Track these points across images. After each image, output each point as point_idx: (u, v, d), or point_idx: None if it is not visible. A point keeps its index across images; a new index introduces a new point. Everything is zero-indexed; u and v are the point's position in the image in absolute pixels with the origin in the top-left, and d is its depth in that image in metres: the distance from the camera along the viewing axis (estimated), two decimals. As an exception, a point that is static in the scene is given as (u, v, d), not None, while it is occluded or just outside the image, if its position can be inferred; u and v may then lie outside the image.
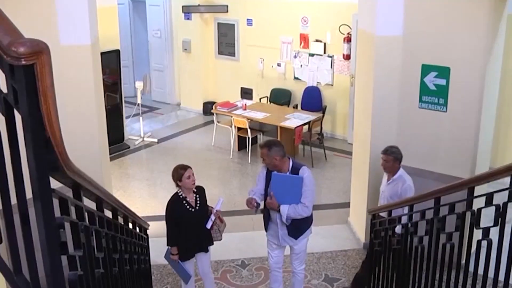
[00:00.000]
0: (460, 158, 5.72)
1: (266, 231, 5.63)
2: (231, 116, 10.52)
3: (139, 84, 11.44)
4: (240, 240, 7.09)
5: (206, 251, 5.60)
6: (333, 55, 11.13)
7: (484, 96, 5.48)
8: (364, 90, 6.40)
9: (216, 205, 5.52)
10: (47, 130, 1.59)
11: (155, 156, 10.79)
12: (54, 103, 1.57)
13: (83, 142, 5.45)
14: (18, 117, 1.58)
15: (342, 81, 11.15)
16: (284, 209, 5.22)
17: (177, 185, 5.55)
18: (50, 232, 1.66)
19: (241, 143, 10.68)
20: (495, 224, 3.46)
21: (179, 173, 5.46)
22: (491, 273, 3.54)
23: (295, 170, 5.28)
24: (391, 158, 5.62)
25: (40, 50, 1.49)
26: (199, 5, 12.45)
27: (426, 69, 5.71)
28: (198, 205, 5.48)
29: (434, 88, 5.70)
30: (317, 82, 11.46)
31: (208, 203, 5.63)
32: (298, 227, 5.40)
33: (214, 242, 5.65)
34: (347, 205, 7.72)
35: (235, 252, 6.80)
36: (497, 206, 3.44)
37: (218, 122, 11.02)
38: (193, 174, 5.45)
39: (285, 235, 5.42)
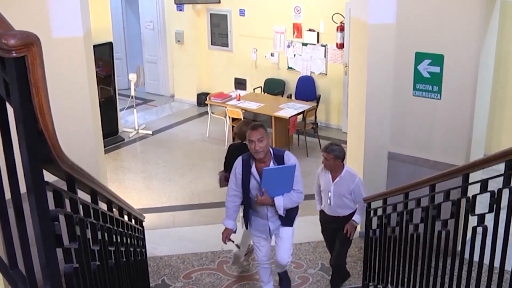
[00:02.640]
0: (455, 145, 5.73)
1: (246, 228, 5.40)
2: (225, 107, 10.51)
3: (132, 76, 11.41)
4: (237, 231, 7.09)
5: None
6: (326, 44, 11.11)
7: (478, 83, 5.48)
8: (358, 79, 6.40)
9: None
10: (39, 122, 1.58)
11: (149, 148, 10.78)
12: (46, 95, 1.56)
13: (77, 135, 5.43)
14: (10, 109, 1.57)
15: (335, 70, 11.15)
16: (280, 201, 4.94)
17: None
18: (44, 225, 1.65)
19: (236, 134, 10.67)
20: (490, 211, 3.47)
21: (242, 130, 5.50)
22: (486, 260, 3.55)
23: (279, 157, 4.97)
24: (332, 157, 5.38)
25: (30, 42, 1.48)
26: (191, -4, 12.41)
27: (419, 57, 5.71)
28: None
29: (428, 76, 5.70)
30: (311, 72, 11.46)
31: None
32: (291, 214, 5.17)
33: (208, 234, 5.90)
34: (342, 194, 7.73)
35: (231, 243, 6.80)
36: (492, 193, 3.45)
37: (212, 113, 11.01)
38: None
39: (277, 226, 5.19)
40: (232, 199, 5.16)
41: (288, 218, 5.15)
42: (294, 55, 11.62)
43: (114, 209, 3.76)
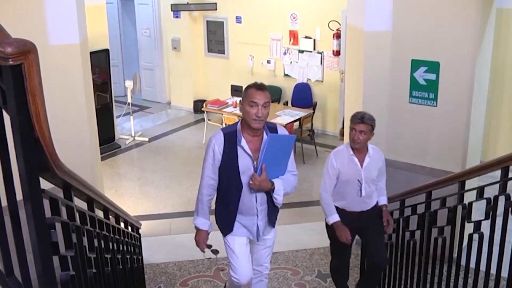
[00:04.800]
0: (451, 152, 5.74)
1: (229, 232, 4.15)
2: (222, 114, 10.51)
3: (129, 83, 11.41)
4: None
5: None
6: (322, 51, 11.13)
7: (474, 90, 5.50)
8: (354, 86, 6.41)
9: None
10: (36, 130, 1.58)
11: (146, 155, 10.77)
12: (42, 103, 1.56)
13: (73, 142, 5.42)
14: (6, 117, 1.58)
15: (332, 77, 11.16)
16: (280, 184, 3.95)
17: None
18: (41, 232, 1.65)
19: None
20: (486, 218, 3.48)
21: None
22: (483, 267, 3.55)
23: (272, 130, 4.02)
24: (369, 128, 4.55)
25: (27, 50, 1.48)
26: (188, 3, 12.42)
27: (415, 64, 5.72)
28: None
29: (424, 83, 5.71)
30: (307, 79, 11.47)
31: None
32: (276, 211, 4.21)
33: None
34: (339, 201, 7.74)
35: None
36: (488, 200, 3.45)
37: (208, 120, 11.01)
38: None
39: (265, 226, 4.18)
40: (207, 191, 4.08)
41: (276, 214, 4.23)
42: (291, 62, 11.63)
43: (110, 217, 3.75)
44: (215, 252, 4.48)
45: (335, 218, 4.69)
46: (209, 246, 4.30)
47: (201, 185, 4.09)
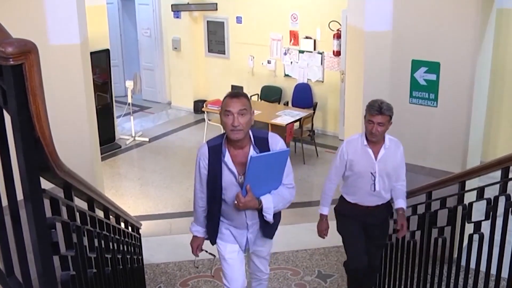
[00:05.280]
0: (451, 152, 5.74)
1: (212, 243, 4.03)
2: (222, 114, 10.50)
3: (129, 84, 11.42)
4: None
5: None
6: (323, 52, 11.13)
7: (474, 90, 5.50)
8: (355, 86, 6.41)
9: None
10: (36, 130, 1.58)
11: (146, 155, 10.77)
12: (43, 103, 1.56)
13: (74, 142, 5.43)
14: (7, 117, 1.58)
15: (332, 77, 11.17)
16: (269, 202, 3.62)
17: None
18: (41, 232, 1.65)
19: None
20: (486, 218, 3.48)
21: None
22: (483, 267, 3.55)
23: (261, 141, 3.65)
24: (387, 119, 4.25)
25: (28, 49, 1.48)
26: (188, 3, 12.42)
27: (416, 64, 5.72)
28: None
29: (425, 83, 5.71)
30: (308, 79, 11.47)
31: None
32: (274, 222, 3.87)
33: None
34: (339, 201, 7.74)
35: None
36: (488, 200, 3.45)
37: (209, 120, 11.00)
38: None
39: (256, 238, 3.96)
40: (199, 204, 3.95)
41: (273, 225, 3.90)
42: (291, 62, 11.63)
43: (111, 217, 3.76)
44: (212, 255, 4.24)
45: (324, 210, 4.72)
46: (206, 251, 4.18)
47: (194, 196, 3.98)
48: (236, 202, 3.57)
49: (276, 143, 3.69)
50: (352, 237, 4.65)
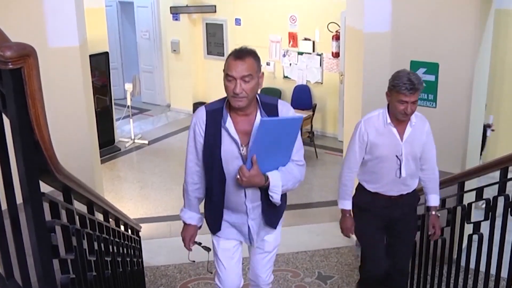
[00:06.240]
0: (450, 153, 5.74)
1: (217, 231, 3.45)
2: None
3: (128, 86, 11.41)
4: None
5: None
6: (322, 53, 11.14)
7: (473, 91, 5.50)
8: (354, 87, 6.41)
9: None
10: (35, 133, 1.58)
11: (146, 158, 10.77)
12: (42, 106, 1.57)
13: (73, 145, 5.42)
14: (6, 121, 1.58)
15: (331, 79, 11.17)
16: (277, 179, 3.08)
17: None
18: (41, 236, 1.66)
19: (232, 143, 10.67)
20: (485, 218, 3.49)
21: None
22: (482, 267, 3.56)
23: (270, 108, 3.15)
24: (418, 94, 3.68)
25: (27, 53, 1.49)
26: (187, 6, 12.43)
27: (415, 65, 5.72)
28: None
29: (423, 84, 5.72)
30: (307, 81, 11.47)
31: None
32: (279, 207, 3.31)
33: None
34: (339, 202, 7.74)
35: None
36: (488, 200, 3.46)
37: (208, 122, 10.99)
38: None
39: (260, 227, 3.37)
40: (192, 179, 3.42)
41: (277, 211, 3.36)
42: (290, 64, 11.64)
43: (110, 219, 3.76)
44: (207, 249, 3.71)
45: (346, 204, 3.98)
46: (199, 243, 3.63)
47: (185, 172, 3.44)
48: (238, 177, 3.02)
49: (288, 111, 3.21)
50: (370, 238, 4.05)
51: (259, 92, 3.20)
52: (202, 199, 3.55)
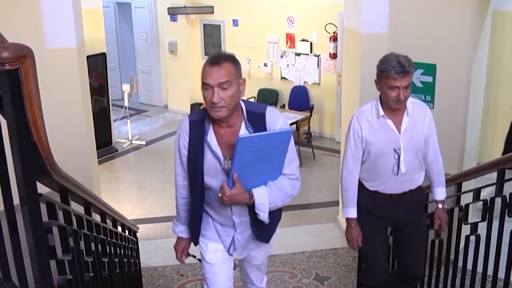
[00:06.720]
0: (448, 154, 5.73)
1: (195, 244, 3.29)
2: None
3: (126, 87, 11.42)
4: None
5: None
6: (319, 54, 11.15)
7: (470, 92, 5.51)
8: (351, 88, 6.41)
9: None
10: (33, 134, 1.58)
11: (143, 159, 10.76)
12: (39, 107, 1.57)
13: (70, 146, 5.42)
14: (3, 122, 1.58)
15: (329, 80, 11.18)
16: (263, 197, 2.80)
17: None
18: (38, 237, 1.65)
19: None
20: (483, 219, 3.49)
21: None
22: (480, 268, 3.56)
23: (256, 117, 2.86)
24: (410, 79, 3.33)
25: (24, 54, 1.48)
26: (184, 7, 12.42)
27: (412, 67, 5.73)
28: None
29: (421, 85, 5.72)
30: (304, 82, 11.48)
31: None
32: (272, 222, 3.02)
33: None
34: (336, 203, 7.72)
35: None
36: (485, 201, 3.46)
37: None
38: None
39: (248, 241, 3.18)
40: (180, 193, 3.19)
41: (269, 226, 3.05)
42: (287, 65, 11.64)
43: (107, 220, 3.75)
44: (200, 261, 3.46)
45: (351, 213, 3.60)
46: (193, 256, 3.45)
47: (175, 186, 3.21)
48: (220, 195, 2.76)
49: (276, 121, 2.87)
50: (369, 242, 3.70)
51: (246, 98, 2.89)
52: None
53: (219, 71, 2.70)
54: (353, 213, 3.58)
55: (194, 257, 3.42)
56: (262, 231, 3.09)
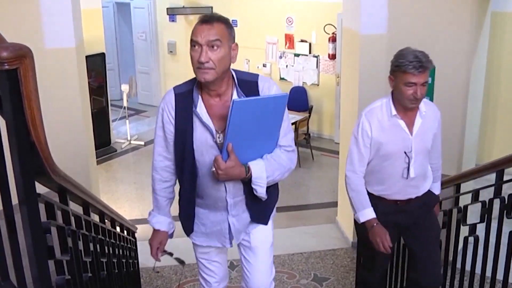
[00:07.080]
0: (447, 155, 5.73)
1: (190, 232, 3.12)
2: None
3: (125, 87, 11.42)
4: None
5: None
6: (318, 55, 11.15)
7: (469, 93, 5.51)
8: (350, 89, 6.42)
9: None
10: (31, 134, 1.58)
11: (142, 159, 10.75)
12: (38, 107, 1.56)
13: (69, 146, 5.42)
14: (2, 122, 1.58)
15: (328, 80, 11.18)
16: (260, 170, 2.59)
17: None
18: (36, 237, 1.65)
19: (228, 144, 10.68)
20: (481, 221, 3.49)
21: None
22: (478, 269, 3.56)
23: (248, 85, 2.66)
24: (427, 75, 3.15)
25: (23, 54, 1.48)
26: (183, 7, 12.43)
27: (411, 68, 5.73)
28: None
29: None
30: (303, 82, 11.49)
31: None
32: (270, 199, 2.81)
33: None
34: (335, 204, 7.73)
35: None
36: (483, 203, 3.46)
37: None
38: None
39: (243, 226, 2.93)
40: (160, 176, 3.01)
41: (265, 207, 2.89)
42: (286, 65, 11.64)
43: (106, 221, 3.75)
44: (180, 261, 3.39)
45: (368, 214, 3.30)
46: (170, 254, 3.21)
47: (152, 167, 3.00)
48: (214, 169, 2.55)
49: (269, 88, 2.70)
50: (374, 255, 3.52)
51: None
52: (172, 200, 3.15)
53: (210, 29, 2.50)
54: (370, 213, 3.30)
55: (171, 255, 3.16)
56: (259, 211, 2.89)
